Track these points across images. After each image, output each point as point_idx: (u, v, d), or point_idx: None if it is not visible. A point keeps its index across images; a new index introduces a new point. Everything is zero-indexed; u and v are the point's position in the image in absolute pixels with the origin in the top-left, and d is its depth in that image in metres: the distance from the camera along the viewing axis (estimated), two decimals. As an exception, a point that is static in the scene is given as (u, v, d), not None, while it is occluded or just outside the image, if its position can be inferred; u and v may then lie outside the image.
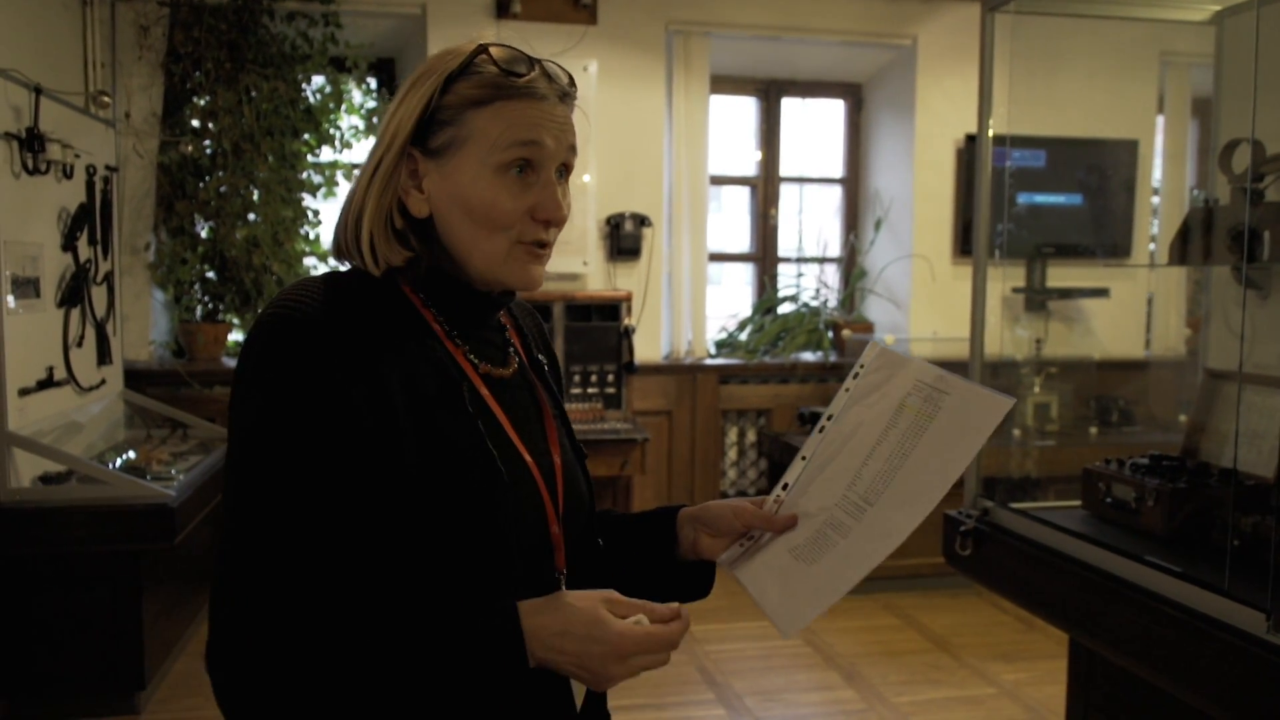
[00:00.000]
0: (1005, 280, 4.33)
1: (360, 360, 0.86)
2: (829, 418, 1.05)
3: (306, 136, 4.11)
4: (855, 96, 5.07)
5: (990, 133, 2.08)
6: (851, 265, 5.02)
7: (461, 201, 0.91)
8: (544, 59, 0.94)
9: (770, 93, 4.98)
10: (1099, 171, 4.59)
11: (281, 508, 0.82)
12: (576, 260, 4.32)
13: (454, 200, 0.91)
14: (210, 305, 4.11)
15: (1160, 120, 4.73)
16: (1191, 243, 2.07)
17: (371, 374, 0.86)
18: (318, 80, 4.18)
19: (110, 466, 3.03)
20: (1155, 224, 4.78)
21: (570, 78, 0.96)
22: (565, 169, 0.95)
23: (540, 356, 1.08)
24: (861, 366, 1.06)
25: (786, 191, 5.05)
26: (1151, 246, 4.73)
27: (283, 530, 0.82)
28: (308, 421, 0.83)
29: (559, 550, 0.96)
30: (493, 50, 0.91)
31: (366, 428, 0.84)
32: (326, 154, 4.24)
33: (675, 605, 0.87)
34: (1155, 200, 4.79)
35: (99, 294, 3.42)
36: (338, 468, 0.83)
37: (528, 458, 0.95)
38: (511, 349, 1.03)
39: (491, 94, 0.90)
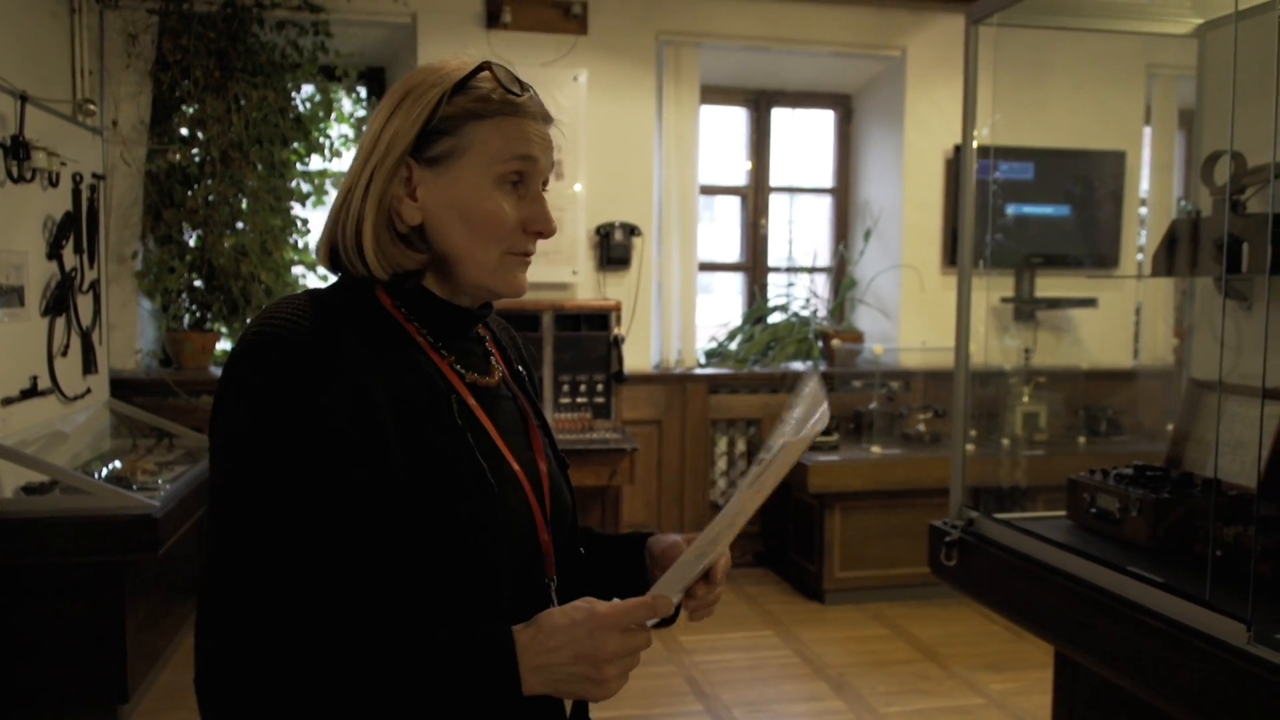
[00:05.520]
0: (994, 290, 4.35)
1: (347, 377, 0.86)
2: (767, 449, 1.02)
3: (296, 145, 4.11)
4: (845, 107, 5.09)
5: (974, 144, 2.09)
6: (841, 275, 5.03)
7: (460, 210, 0.94)
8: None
9: (760, 103, 4.99)
10: (1087, 182, 4.62)
11: (270, 530, 0.82)
12: (566, 269, 4.32)
13: (451, 209, 0.94)
14: (198, 314, 4.09)
15: (1147, 131, 4.75)
16: (1175, 253, 2.08)
17: (359, 390, 0.86)
18: (307, 89, 4.18)
19: (95, 477, 3.01)
20: (1143, 234, 4.80)
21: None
22: (544, 184, 1.00)
23: (520, 368, 1.10)
24: (798, 398, 1.03)
25: (776, 201, 5.06)
26: (1139, 257, 4.75)
27: (272, 554, 0.81)
28: (296, 441, 0.83)
29: (549, 557, 0.97)
30: (495, 68, 0.96)
31: (355, 445, 0.84)
32: (316, 162, 4.24)
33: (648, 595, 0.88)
34: (1143, 211, 4.82)
35: (85, 303, 3.41)
36: (327, 487, 0.83)
37: (516, 466, 0.97)
38: (493, 359, 1.05)
39: (494, 108, 0.94)
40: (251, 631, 0.80)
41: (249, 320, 0.89)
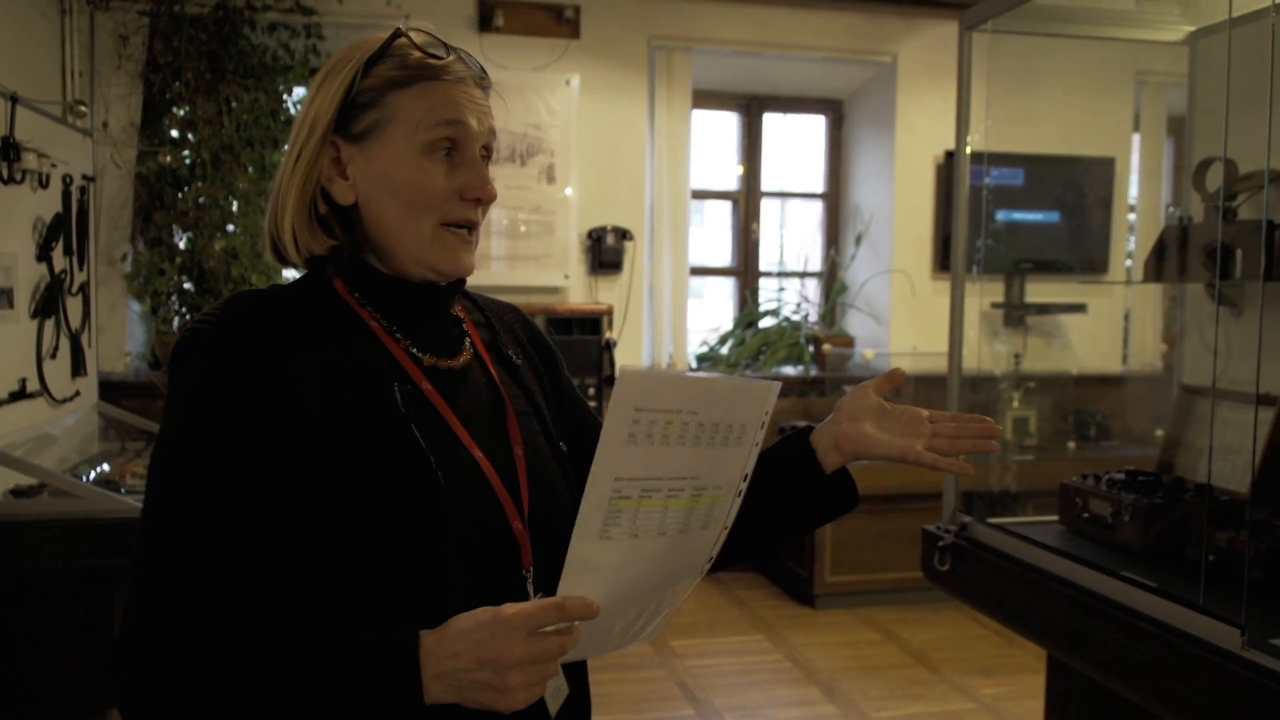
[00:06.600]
0: (985, 295, 4.36)
1: (264, 371, 0.85)
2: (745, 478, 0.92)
3: (287, 148, 4.09)
4: (836, 112, 5.11)
5: (968, 150, 2.09)
6: (832, 280, 5.04)
7: (389, 183, 0.91)
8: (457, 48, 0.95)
9: (752, 108, 5.00)
10: (1076, 189, 4.64)
11: (181, 526, 0.83)
12: (558, 273, 4.31)
13: (380, 182, 0.91)
14: (188, 317, 4.07)
15: (1136, 138, 4.79)
16: (1166, 260, 2.09)
17: (278, 384, 0.85)
18: (299, 91, 4.17)
19: (84, 480, 2.99)
20: (1132, 241, 4.83)
21: (482, 68, 0.97)
22: (486, 151, 0.95)
23: (510, 353, 1.05)
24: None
25: (768, 206, 5.07)
26: (1128, 263, 4.78)
27: (183, 548, 0.83)
28: (206, 439, 0.84)
29: (524, 547, 0.92)
30: (411, 34, 0.93)
31: (271, 439, 0.84)
32: (307, 165, 4.22)
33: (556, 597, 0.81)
34: (1132, 217, 4.85)
35: (74, 305, 3.38)
36: (240, 481, 0.83)
37: (477, 453, 0.92)
38: (467, 340, 1.01)
39: (413, 74, 0.91)
40: (164, 622, 0.81)
41: None
